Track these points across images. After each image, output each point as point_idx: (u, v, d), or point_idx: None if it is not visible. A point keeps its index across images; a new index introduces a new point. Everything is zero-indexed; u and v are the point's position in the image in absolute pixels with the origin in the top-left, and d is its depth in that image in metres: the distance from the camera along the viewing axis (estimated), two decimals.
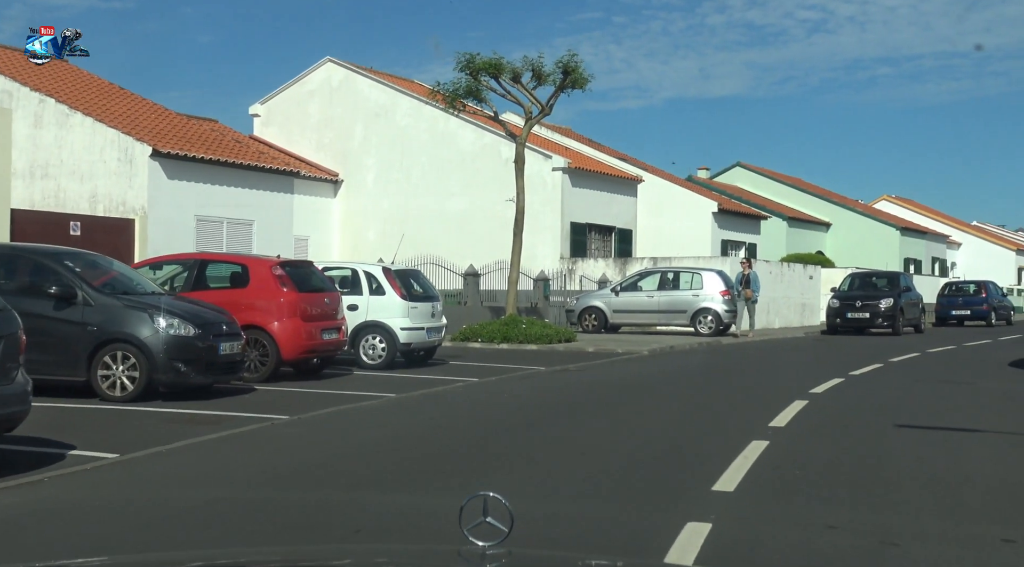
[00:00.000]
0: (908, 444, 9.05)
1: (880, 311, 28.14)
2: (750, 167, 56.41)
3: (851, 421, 10.74)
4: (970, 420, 10.73)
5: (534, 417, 11.11)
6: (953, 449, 8.87)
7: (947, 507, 6.64)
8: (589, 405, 12.31)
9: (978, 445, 9.10)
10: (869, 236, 52.80)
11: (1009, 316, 37.60)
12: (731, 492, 6.89)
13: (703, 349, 22.40)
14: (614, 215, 33.31)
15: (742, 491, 6.93)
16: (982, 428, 10.05)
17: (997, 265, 65.51)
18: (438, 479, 7.50)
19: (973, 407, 12.07)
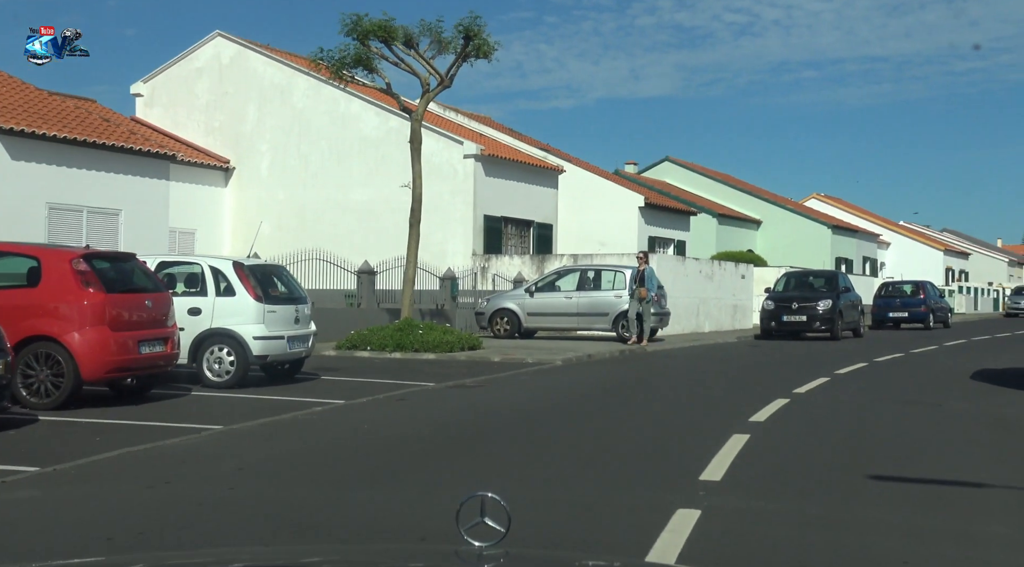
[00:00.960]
0: (895, 516, 6.30)
1: (818, 314, 25.72)
2: (679, 162, 54.12)
3: (809, 470, 7.99)
4: (964, 464, 8.07)
5: (376, 468, 8.17)
6: (965, 527, 6.12)
7: None
8: (460, 446, 9.41)
9: (997, 518, 6.37)
10: (800, 234, 50.83)
11: (947, 318, 35.60)
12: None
13: (624, 358, 19.66)
14: (533, 208, 30.50)
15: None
16: (985, 480, 7.36)
17: (926, 265, 64.19)
18: None
19: (959, 441, 9.41)
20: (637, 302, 21.43)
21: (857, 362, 18.00)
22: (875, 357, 19.46)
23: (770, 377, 15.74)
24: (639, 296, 21.37)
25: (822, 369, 16.44)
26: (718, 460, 7.94)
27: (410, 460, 8.31)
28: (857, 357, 19.45)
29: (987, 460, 8.44)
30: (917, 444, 9.13)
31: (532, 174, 30.65)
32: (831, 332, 25.68)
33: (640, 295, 21.34)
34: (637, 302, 21.43)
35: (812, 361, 19.07)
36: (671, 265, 26.75)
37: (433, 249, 27.83)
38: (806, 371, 16.27)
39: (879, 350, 21.83)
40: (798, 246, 49.73)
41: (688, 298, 27.44)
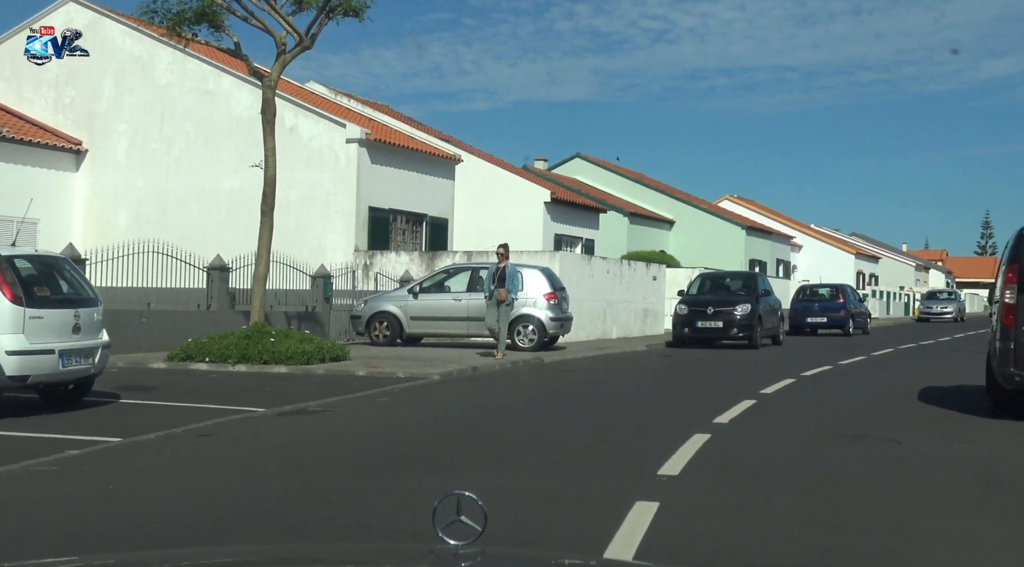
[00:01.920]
0: None
1: (735, 320, 23.11)
2: (590, 159, 51.54)
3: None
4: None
5: None
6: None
7: None
8: (211, 535, 6.29)
9: None
10: (714, 235, 48.65)
11: (866, 324, 33.47)
12: None
13: (515, 371, 16.70)
14: (426, 200, 27.39)
15: None
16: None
17: (837, 268, 62.75)
18: None
19: (953, 513, 6.58)
20: (496, 306, 17.47)
21: (783, 378, 15.30)
22: (802, 370, 16.83)
23: (684, 400, 12.93)
24: (498, 299, 17.44)
25: (744, 387, 13.70)
26: (629, 540, 5.04)
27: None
28: (782, 370, 16.81)
29: (994, 545, 5.64)
30: (894, 519, 6.28)
31: (426, 163, 27.54)
32: (750, 340, 23.11)
33: (499, 297, 17.41)
34: (496, 306, 17.47)
35: (732, 376, 16.36)
36: (575, 264, 23.93)
37: (311, 244, 24.61)
38: (726, 390, 13.51)
39: (804, 361, 19.27)
40: (712, 247, 47.55)
41: (594, 301, 24.65)
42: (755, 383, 14.34)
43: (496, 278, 17.65)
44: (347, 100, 33.05)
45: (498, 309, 17.45)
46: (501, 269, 17.76)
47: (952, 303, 51.50)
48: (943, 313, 50.59)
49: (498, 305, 17.46)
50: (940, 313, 50.67)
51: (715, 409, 11.07)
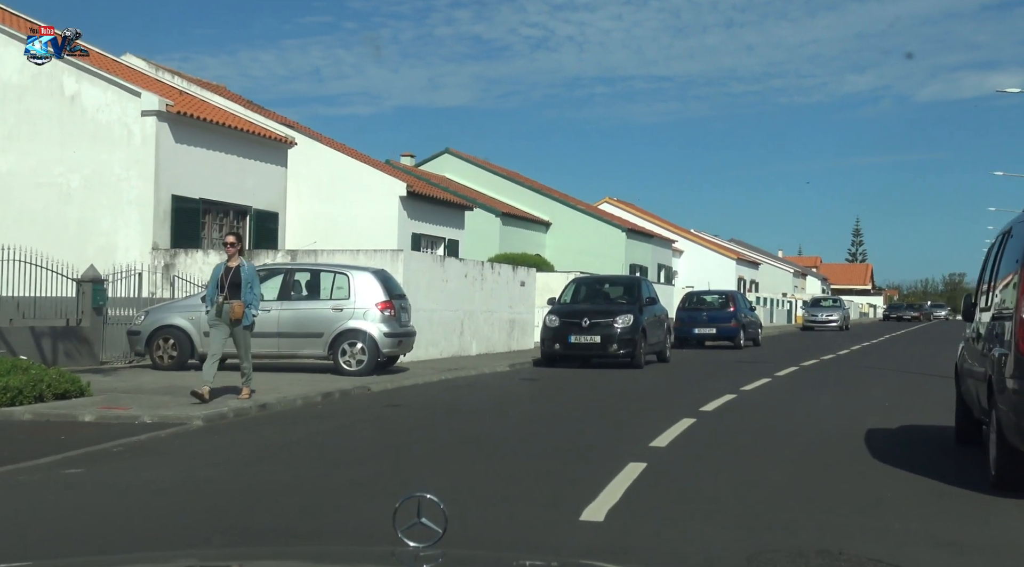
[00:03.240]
0: None
1: (615, 334, 19.14)
2: (461, 155, 47.34)
3: None
4: None
5: None
6: None
7: None
8: None
9: None
10: (593, 238, 45.04)
11: (757, 335, 30.07)
12: None
13: (327, 408, 12.27)
14: (251, 191, 22.69)
15: None
16: None
17: (719, 274, 60.06)
18: None
19: None
20: (225, 325, 11.53)
21: (679, 416, 11.28)
22: (700, 402, 12.86)
23: (543, 458, 8.72)
24: (230, 316, 11.47)
25: (627, 434, 9.67)
26: None
27: None
28: (674, 403, 12.86)
29: None
30: None
31: (250, 146, 22.83)
32: (632, 358, 19.18)
33: (232, 314, 11.46)
34: (225, 325, 11.53)
35: (610, 412, 12.29)
36: (425, 267, 19.62)
37: (99, 241, 19.71)
38: (601, 440, 9.43)
39: (699, 387, 15.42)
40: (590, 250, 43.93)
41: (448, 311, 20.39)
42: (641, 427, 10.31)
43: (223, 283, 11.59)
44: (171, 77, 28.03)
45: (231, 330, 11.59)
46: (232, 271, 11.66)
47: (837, 311, 49.08)
48: (828, 321, 48.08)
49: (230, 324, 11.53)
50: (825, 321, 48.15)
51: (585, 483, 6.95)
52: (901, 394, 14.95)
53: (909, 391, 15.50)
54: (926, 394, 14.64)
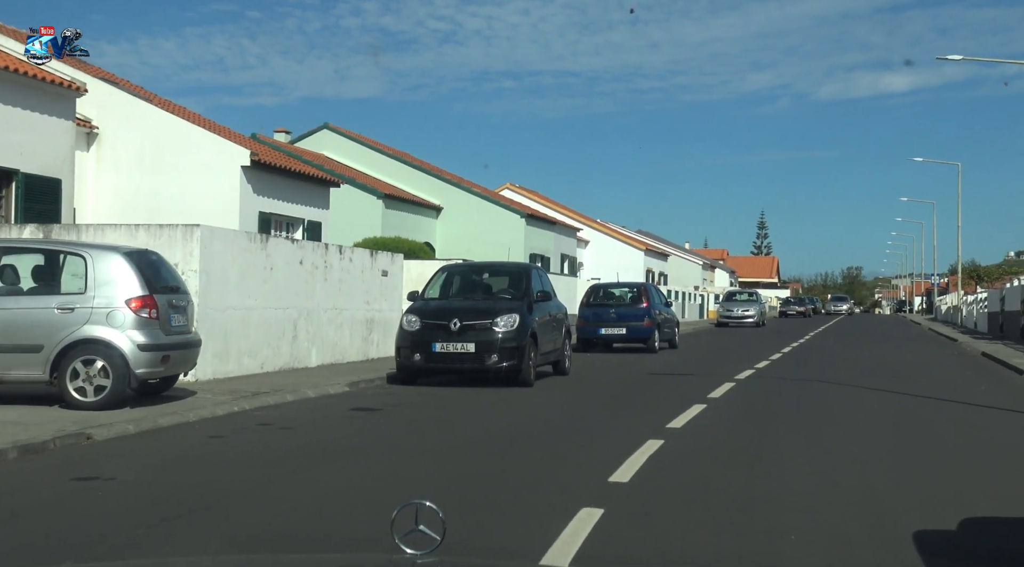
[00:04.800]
0: None
1: (496, 339, 14.07)
2: (341, 131, 41.83)
3: None
4: None
5: None
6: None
7: None
8: None
9: None
10: (489, 224, 39.98)
11: (674, 335, 25.33)
12: None
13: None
14: (16, 149, 16.94)
15: None
16: None
17: (628, 265, 55.64)
18: None
19: None
20: None
21: (575, 502, 6.20)
22: (608, 463, 7.82)
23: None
24: None
25: (518, 501, 4.53)
26: None
27: None
28: (570, 466, 7.84)
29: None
30: None
31: (17, 90, 17.05)
32: (516, 371, 14.14)
33: None
34: None
35: (451, 491, 7.09)
36: (235, 249, 14.19)
37: None
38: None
39: (607, 421, 10.47)
40: (486, 238, 38.90)
41: (274, 308, 15.05)
42: (503, 524, 5.23)
43: None
44: None
45: None
46: None
47: (753, 306, 44.91)
48: (744, 317, 43.88)
49: None
50: (741, 317, 43.93)
51: None
52: (905, 439, 10.20)
53: (912, 432, 10.77)
54: (943, 438, 9.95)
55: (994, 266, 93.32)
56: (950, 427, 10.84)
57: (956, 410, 12.38)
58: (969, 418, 11.66)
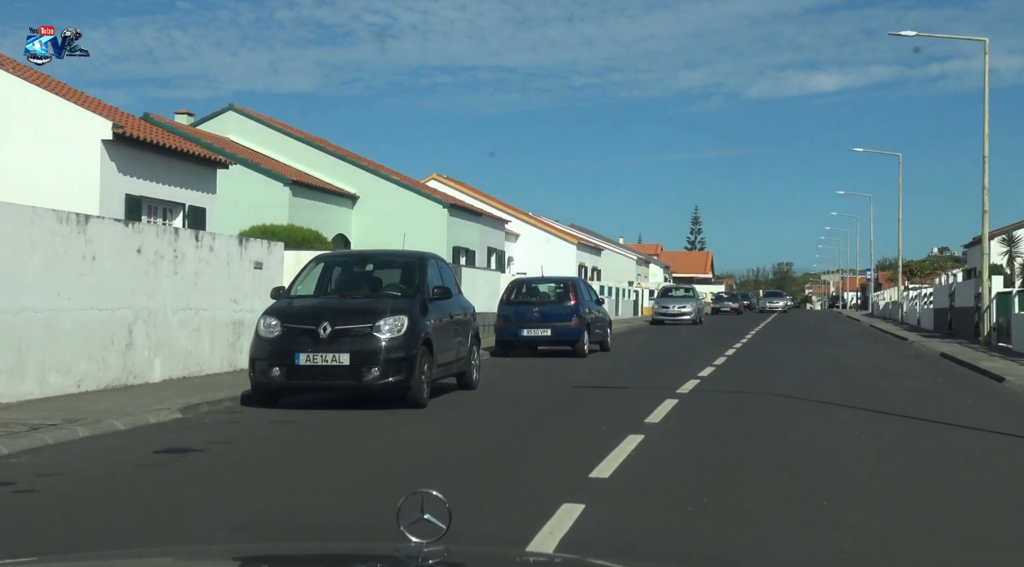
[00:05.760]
0: None
1: (377, 349, 10.94)
2: (248, 113, 38.24)
3: None
4: None
5: None
6: None
7: None
8: None
9: None
10: (409, 215, 36.73)
11: (606, 336, 22.39)
12: None
13: None
14: None
15: None
16: None
17: (560, 260, 52.73)
18: None
19: None
20: None
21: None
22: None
23: None
24: None
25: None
26: None
27: None
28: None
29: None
30: None
31: None
32: (404, 389, 11.05)
33: None
34: None
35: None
36: (36, 233, 10.80)
37: None
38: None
39: (509, 463, 7.40)
40: (405, 229, 35.61)
41: (96, 309, 11.72)
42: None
43: None
44: None
45: None
46: None
47: (690, 302, 42.28)
48: (681, 314, 41.23)
49: None
50: (678, 314, 41.28)
51: None
52: (930, 498, 7.29)
53: (929, 485, 7.88)
54: (975, 491, 7.06)
55: (920, 262, 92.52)
56: (970, 469, 7.99)
57: (960, 438, 9.58)
58: (983, 452, 8.85)
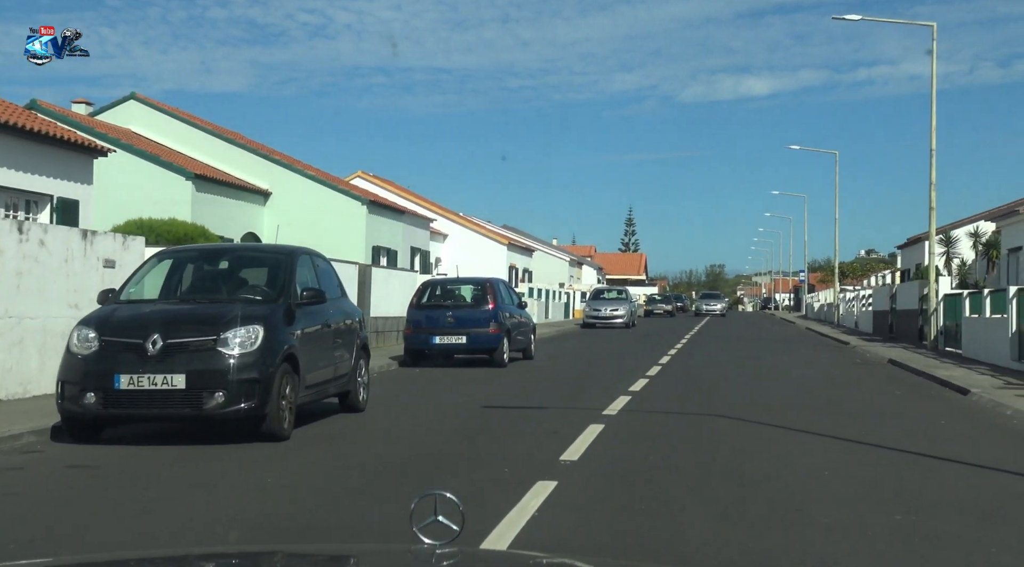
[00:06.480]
0: None
1: (220, 369, 8.52)
2: (151, 103, 35.28)
3: None
4: None
5: None
6: None
7: None
8: None
9: None
10: (325, 213, 34.17)
11: (529, 343, 20.12)
12: None
13: None
14: None
15: None
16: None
17: (489, 261, 50.45)
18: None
19: None
20: None
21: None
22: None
23: None
24: None
25: None
26: None
27: None
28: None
29: None
30: None
31: None
32: (260, 418, 8.62)
33: None
34: None
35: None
36: None
37: None
38: None
39: (387, 521, 4.98)
40: (321, 227, 33.16)
41: None
42: None
43: None
44: None
45: None
46: None
47: (623, 304, 40.30)
48: (613, 317, 39.22)
49: None
50: (610, 317, 39.26)
51: None
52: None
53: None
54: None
55: (851, 263, 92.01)
56: (991, 529, 5.85)
57: (955, 479, 7.48)
58: (995, 501, 6.75)
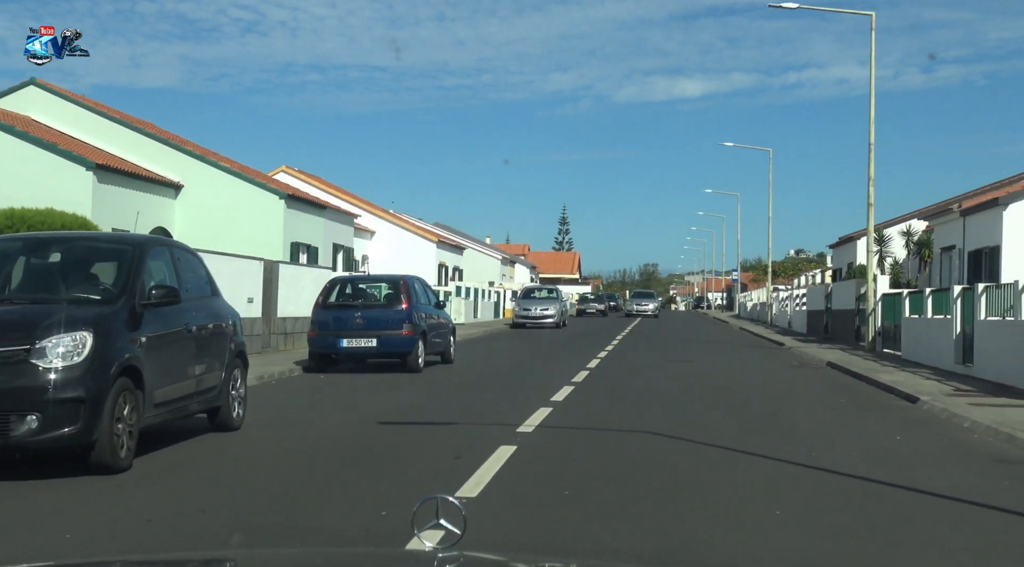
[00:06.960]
0: None
1: (35, 387, 6.79)
2: (53, 89, 32.87)
3: None
4: None
5: None
6: None
7: None
8: None
9: None
10: (241, 206, 32.16)
11: (448, 346, 18.50)
12: None
13: None
14: None
15: None
16: None
17: (417, 259, 48.76)
18: None
19: None
20: None
21: None
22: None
23: None
24: None
25: None
26: None
27: None
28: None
29: None
30: None
31: None
32: (87, 447, 6.90)
33: None
34: None
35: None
36: None
37: None
38: None
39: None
40: (235, 221, 31.26)
41: None
42: None
43: None
44: None
45: None
46: None
47: (553, 304, 38.93)
48: (544, 317, 37.83)
49: None
50: (540, 317, 37.86)
51: None
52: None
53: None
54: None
55: (782, 263, 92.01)
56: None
57: (939, 525, 6.11)
58: (1007, 548, 5.36)
